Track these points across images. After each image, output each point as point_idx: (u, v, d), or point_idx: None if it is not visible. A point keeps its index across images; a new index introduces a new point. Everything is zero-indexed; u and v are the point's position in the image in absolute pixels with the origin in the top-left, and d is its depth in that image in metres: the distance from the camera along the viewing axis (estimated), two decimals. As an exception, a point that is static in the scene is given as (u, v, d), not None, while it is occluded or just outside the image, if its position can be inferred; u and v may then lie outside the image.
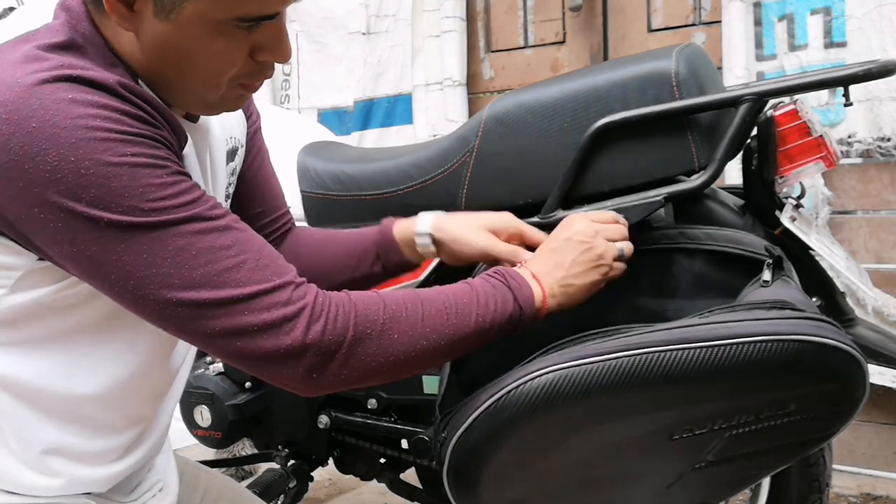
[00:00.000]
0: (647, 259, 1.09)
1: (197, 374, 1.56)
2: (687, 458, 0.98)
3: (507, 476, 1.05)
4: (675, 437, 0.96)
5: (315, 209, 1.43)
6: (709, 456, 0.97)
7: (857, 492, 1.94)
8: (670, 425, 0.96)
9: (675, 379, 0.92)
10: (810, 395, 0.80)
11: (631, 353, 0.93)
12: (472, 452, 1.04)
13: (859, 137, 1.98)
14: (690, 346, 0.91)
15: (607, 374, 0.94)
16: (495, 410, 1.00)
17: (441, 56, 2.55)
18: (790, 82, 1.04)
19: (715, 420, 0.94)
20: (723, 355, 0.90)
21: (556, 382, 0.96)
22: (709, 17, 2.25)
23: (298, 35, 2.86)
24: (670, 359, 0.91)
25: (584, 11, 2.39)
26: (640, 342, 0.94)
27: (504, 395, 0.99)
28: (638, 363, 0.92)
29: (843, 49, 1.98)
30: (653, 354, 0.92)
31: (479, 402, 1.01)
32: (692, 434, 0.95)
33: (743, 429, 0.94)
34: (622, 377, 0.93)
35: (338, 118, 2.81)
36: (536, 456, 1.03)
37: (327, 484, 2.12)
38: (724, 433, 0.95)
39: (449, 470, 1.06)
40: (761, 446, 0.97)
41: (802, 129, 1.01)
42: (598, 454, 1.02)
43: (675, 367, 0.91)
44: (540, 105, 1.16)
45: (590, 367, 0.95)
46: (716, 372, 0.90)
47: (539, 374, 0.97)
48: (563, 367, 0.96)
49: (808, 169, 1.01)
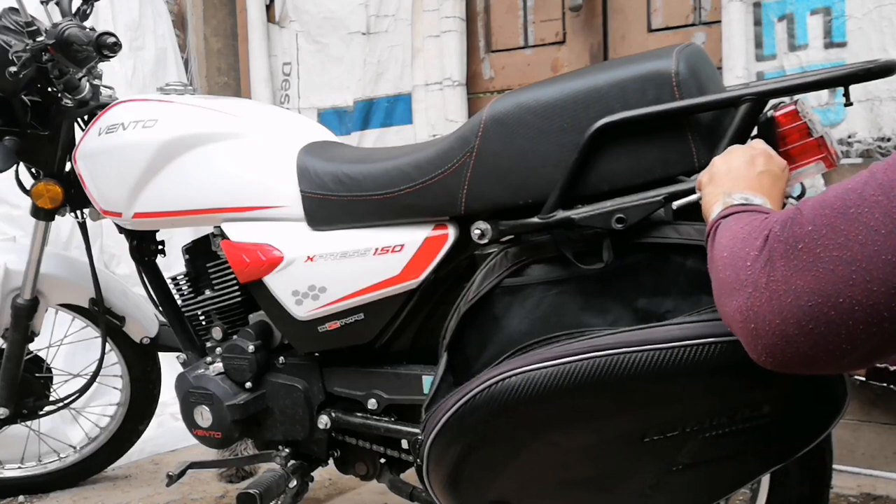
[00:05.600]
0: (640, 256, 1.09)
1: (197, 374, 1.56)
2: (662, 461, 0.98)
3: (483, 476, 1.05)
4: (647, 440, 0.96)
5: (315, 209, 1.43)
6: (684, 458, 0.97)
7: (857, 492, 1.94)
8: (640, 427, 0.96)
9: (636, 380, 0.91)
10: (784, 397, 0.78)
11: (590, 355, 0.93)
12: (446, 454, 1.04)
13: (859, 137, 1.98)
14: (649, 349, 0.91)
15: (567, 376, 0.94)
16: (463, 413, 1.01)
17: (441, 56, 2.55)
18: (790, 82, 1.04)
19: (686, 422, 0.94)
20: (683, 356, 0.89)
21: (519, 386, 0.97)
22: (709, 17, 2.25)
23: (298, 35, 2.86)
24: (629, 361, 0.91)
25: (584, 11, 2.38)
26: (597, 345, 0.94)
27: (471, 399, 1.00)
28: (597, 365, 0.92)
29: (843, 49, 1.98)
30: (612, 357, 0.92)
31: (449, 405, 1.02)
32: (664, 436, 0.95)
33: (717, 431, 0.93)
34: (582, 379, 0.93)
35: (338, 118, 2.81)
36: (508, 458, 1.03)
37: (327, 484, 2.12)
38: (697, 435, 0.94)
39: (427, 470, 1.07)
40: (741, 449, 0.96)
41: (803, 129, 1.01)
42: (571, 456, 1.02)
43: (635, 369, 0.91)
44: (540, 105, 1.16)
45: (551, 369, 0.95)
46: (677, 373, 0.90)
47: (504, 378, 0.98)
48: (525, 371, 0.97)
49: (808, 169, 1.01)
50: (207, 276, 1.64)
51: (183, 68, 3.05)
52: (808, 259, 0.65)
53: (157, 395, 2.15)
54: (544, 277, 1.15)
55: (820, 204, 0.67)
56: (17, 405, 1.96)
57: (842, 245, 0.63)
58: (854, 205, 0.63)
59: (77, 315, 2.08)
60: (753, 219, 0.77)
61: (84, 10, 1.74)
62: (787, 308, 0.66)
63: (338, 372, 1.49)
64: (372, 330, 1.41)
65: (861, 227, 0.62)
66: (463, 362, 1.19)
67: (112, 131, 1.58)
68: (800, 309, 0.65)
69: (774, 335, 0.67)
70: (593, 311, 1.11)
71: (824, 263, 0.64)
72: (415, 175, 1.30)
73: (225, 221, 1.51)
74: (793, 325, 0.66)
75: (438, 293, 1.37)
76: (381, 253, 1.35)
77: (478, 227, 1.23)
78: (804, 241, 0.66)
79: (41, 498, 2.13)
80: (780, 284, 0.67)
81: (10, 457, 2.17)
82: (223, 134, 1.51)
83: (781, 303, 0.66)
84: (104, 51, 1.59)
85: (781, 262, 0.67)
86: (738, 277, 0.71)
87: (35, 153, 1.79)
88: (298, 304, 1.42)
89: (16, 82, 1.63)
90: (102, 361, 1.95)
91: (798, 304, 0.65)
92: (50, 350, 2.13)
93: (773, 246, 0.69)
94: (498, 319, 1.17)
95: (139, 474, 2.28)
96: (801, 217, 0.68)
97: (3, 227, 2.46)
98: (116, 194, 1.59)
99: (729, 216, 0.83)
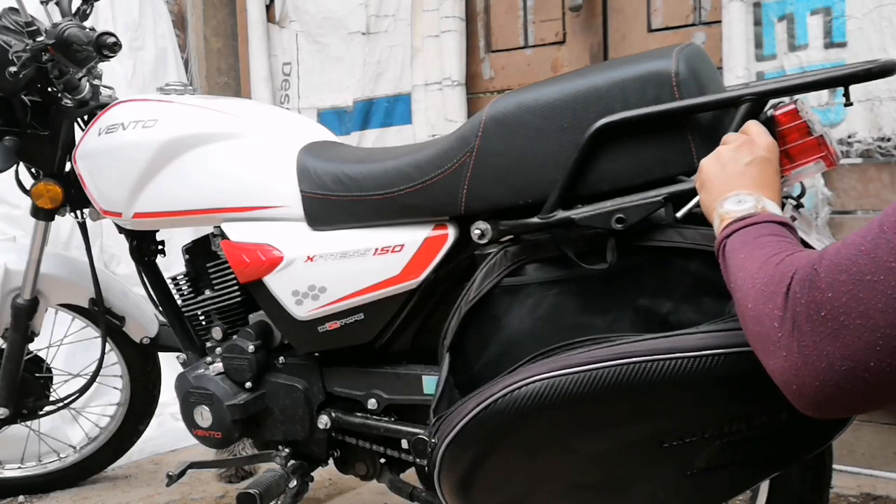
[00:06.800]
0: (642, 258, 1.09)
1: (197, 374, 1.56)
2: (678, 465, 0.98)
3: (497, 481, 1.05)
4: (666, 445, 0.96)
5: (315, 209, 1.42)
6: (700, 463, 0.97)
7: (857, 492, 1.94)
8: (659, 433, 0.96)
9: (661, 388, 0.92)
10: None
11: (616, 362, 0.93)
12: (461, 458, 1.04)
13: (859, 137, 1.97)
14: (675, 356, 0.91)
15: (593, 383, 0.94)
16: (483, 418, 1.00)
17: (440, 56, 2.55)
18: (790, 82, 1.03)
19: (705, 428, 0.94)
20: (710, 365, 0.90)
21: (542, 391, 0.97)
22: (709, 17, 2.25)
23: (298, 35, 2.86)
24: (655, 369, 0.91)
25: (584, 11, 2.38)
26: (625, 352, 0.94)
27: (491, 404, 1.00)
28: (623, 373, 0.93)
29: (843, 49, 1.98)
30: (638, 364, 0.92)
31: (468, 410, 1.02)
32: (682, 442, 0.95)
33: (735, 437, 0.94)
34: (607, 386, 0.93)
35: (338, 118, 2.81)
36: (525, 462, 1.03)
37: (327, 484, 2.12)
38: (715, 441, 0.94)
39: (440, 474, 1.07)
40: (755, 454, 0.97)
41: (802, 128, 1.01)
42: (587, 461, 1.02)
43: (660, 377, 0.91)
44: (540, 105, 1.15)
45: (575, 376, 0.95)
46: (703, 381, 0.90)
47: (526, 383, 0.98)
48: (549, 377, 0.97)
49: (808, 169, 1.01)
50: (207, 276, 1.64)
51: (183, 68, 3.05)
52: (833, 326, 0.68)
53: (157, 395, 2.15)
54: (544, 277, 1.15)
55: (836, 267, 0.69)
56: (17, 405, 1.96)
57: (864, 314, 0.66)
58: (869, 272, 0.66)
59: (77, 315, 2.08)
60: (764, 251, 0.80)
61: (84, 10, 1.74)
62: (824, 372, 0.69)
63: (338, 372, 1.49)
64: (372, 330, 1.40)
65: (880, 295, 0.65)
66: (463, 362, 1.19)
67: (112, 131, 1.58)
68: (835, 373, 0.68)
69: (816, 395, 0.70)
70: (593, 311, 1.11)
71: (850, 331, 0.67)
72: (415, 175, 1.30)
73: (225, 221, 1.51)
74: (831, 387, 0.69)
75: (438, 293, 1.37)
76: (381, 253, 1.35)
77: (478, 227, 1.23)
78: (826, 309, 0.68)
79: (41, 498, 2.13)
80: (812, 350, 0.69)
81: (10, 457, 2.17)
82: (223, 134, 1.51)
83: (817, 368, 0.69)
84: (104, 51, 1.59)
85: (808, 328, 0.70)
86: (770, 338, 0.74)
87: (35, 153, 1.79)
88: (298, 304, 1.42)
89: (16, 82, 1.63)
90: (102, 361, 1.95)
91: (833, 369, 0.68)
92: (50, 350, 2.13)
93: (797, 310, 0.71)
94: (498, 319, 1.17)
95: (139, 474, 2.28)
96: (819, 280, 0.70)
97: (3, 227, 2.47)
98: (116, 194, 1.58)
99: (732, 235, 0.86)
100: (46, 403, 2.05)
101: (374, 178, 1.36)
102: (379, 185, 1.34)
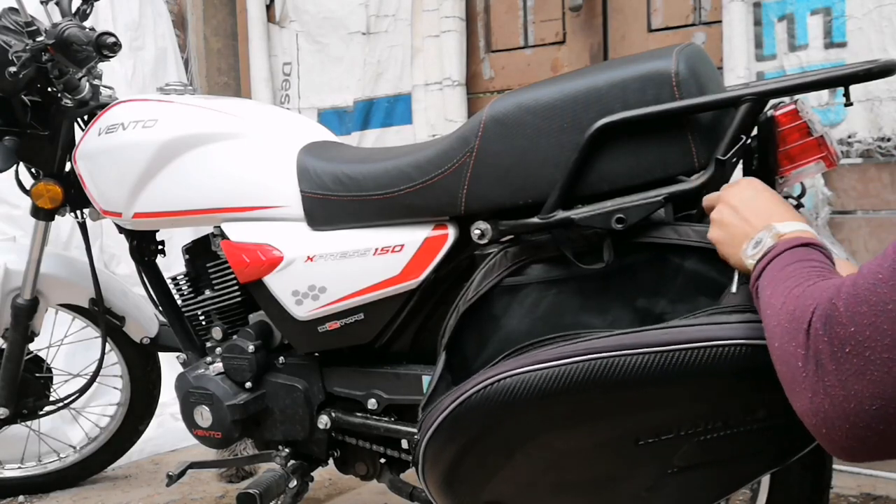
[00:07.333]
0: (640, 256, 1.09)
1: (197, 374, 1.56)
2: (656, 464, 0.97)
3: (477, 477, 1.05)
4: (641, 443, 0.95)
5: (315, 209, 1.43)
6: (680, 462, 0.96)
7: (857, 492, 1.94)
8: (634, 430, 0.95)
9: (630, 383, 0.91)
10: (780, 401, 0.78)
11: (583, 358, 0.93)
12: (442, 454, 1.04)
13: (859, 137, 1.97)
14: (642, 351, 0.90)
15: (561, 379, 0.93)
16: (458, 414, 1.00)
17: (440, 56, 2.55)
18: (790, 82, 1.03)
19: (680, 425, 0.93)
20: (675, 360, 0.89)
21: (513, 387, 0.96)
22: (709, 17, 2.25)
23: (298, 35, 2.86)
24: (622, 363, 0.91)
25: (584, 11, 2.39)
26: (593, 347, 0.93)
27: (466, 399, 1.00)
28: (590, 368, 0.92)
29: (843, 49, 1.98)
30: (605, 359, 0.92)
31: (445, 405, 1.02)
32: (658, 439, 0.94)
33: (712, 434, 0.93)
34: (576, 382, 0.93)
35: (338, 118, 2.81)
36: (502, 459, 1.03)
37: (327, 484, 2.12)
38: (692, 438, 0.93)
39: (423, 470, 1.07)
40: (736, 453, 0.95)
41: (803, 128, 1.01)
42: (564, 458, 1.01)
43: (629, 372, 0.90)
44: (540, 105, 1.15)
45: (545, 371, 0.95)
46: (669, 377, 0.89)
47: (498, 379, 0.98)
48: (519, 373, 0.96)
49: (808, 169, 1.01)
50: (207, 276, 1.64)
51: (183, 68, 3.05)
52: (859, 363, 0.65)
53: (157, 395, 2.15)
54: (544, 277, 1.15)
55: (855, 300, 0.66)
56: (17, 405, 1.96)
57: (889, 346, 0.63)
58: (891, 300, 0.63)
59: (77, 315, 2.08)
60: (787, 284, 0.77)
61: (84, 10, 1.74)
62: (854, 413, 0.66)
63: (338, 372, 1.49)
64: (372, 330, 1.40)
65: None
66: (461, 361, 1.19)
67: (112, 131, 1.58)
68: (866, 413, 0.65)
69: (847, 438, 0.67)
70: (592, 310, 1.11)
71: (877, 366, 0.64)
72: (415, 175, 1.30)
73: (225, 221, 1.51)
74: (863, 429, 0.66)
75: (438, 293, 1.37)
76: (381, 253, 1.35)
77: (478, 227, 1.23)
78: (850, 344, 0.65)
79: (41, 498, 2.13)
80: (839, 390, 0.66)
81: (10, 457, 2.17)
82: (223, 134, 1.51)
83: (846, 409, 0.66)
84: (104, 51, 1.59)
85: (832, 366, 0.67)
86: (795, 378, 0.71)
87: (35, 153, 1.79)
88: (298, 304, 1.42)
89: (16, 82, 1.63)
90: (102, 361, 1.95)
91: (863, 409, 0.65)
92: (50, 350, 2.13)
93: (819, 347, 0.68)
94: (497, 319, 1.17)
95: (139, 474, 2.28)
96: (839, 314, 0.67)
97: (3, 227, 2.47)
98: (116, 194, 1.58)
99: (761, 275, 0.84)
100: (46, 403, 2.05)
101: (374, 178, 1.35)
102: (379, 185, 1.34)
